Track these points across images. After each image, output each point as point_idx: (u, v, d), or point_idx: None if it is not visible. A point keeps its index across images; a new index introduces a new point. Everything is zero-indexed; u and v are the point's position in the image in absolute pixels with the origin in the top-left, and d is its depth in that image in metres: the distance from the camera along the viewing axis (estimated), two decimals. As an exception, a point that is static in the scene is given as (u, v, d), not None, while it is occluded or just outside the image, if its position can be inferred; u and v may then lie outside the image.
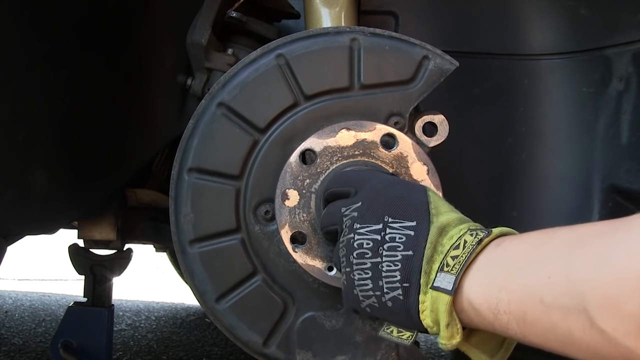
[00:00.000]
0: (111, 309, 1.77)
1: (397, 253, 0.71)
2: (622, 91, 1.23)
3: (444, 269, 0.66)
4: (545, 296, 0.56)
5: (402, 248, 0.71)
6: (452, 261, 0.66)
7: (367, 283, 0.73)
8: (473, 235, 0.67)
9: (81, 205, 1.45)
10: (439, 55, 0.96)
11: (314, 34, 0.96)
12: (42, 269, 4.34)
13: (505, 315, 0.60)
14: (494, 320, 0.62)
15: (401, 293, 0.70)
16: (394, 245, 0.71)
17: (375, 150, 0.93)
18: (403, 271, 0.70)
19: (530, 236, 0.64)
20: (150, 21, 1.39)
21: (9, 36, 1.05)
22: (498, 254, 0.64)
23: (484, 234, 0.67)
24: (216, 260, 0.94)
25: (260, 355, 0.96)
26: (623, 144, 1.23)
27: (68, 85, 1.21)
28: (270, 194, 0.94)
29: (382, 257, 0.72)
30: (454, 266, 0.65)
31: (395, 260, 0.70)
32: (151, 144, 1.52)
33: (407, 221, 0.72)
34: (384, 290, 0.71)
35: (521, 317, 0.59)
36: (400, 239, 0.71)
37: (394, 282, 0.70)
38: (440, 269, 0.67)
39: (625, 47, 1.22)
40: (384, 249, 0.72)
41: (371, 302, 0.74)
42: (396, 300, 0.71)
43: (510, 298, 0.59)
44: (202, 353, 2.67)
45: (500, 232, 0.68)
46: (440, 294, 0.66)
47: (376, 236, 0.73)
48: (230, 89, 0.95)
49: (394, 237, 0.72)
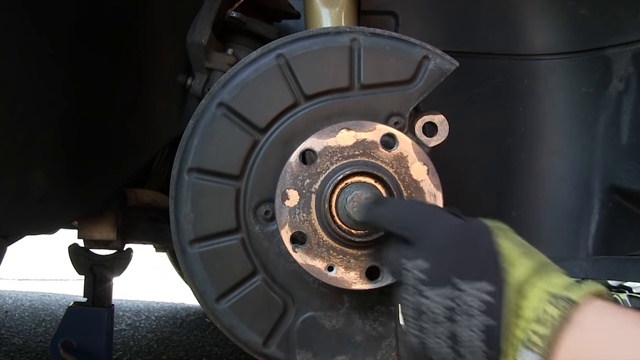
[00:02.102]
0: (111, 309, 1.77)
1: (476, 321, 0.68)
2: (622, 91, 1.23)
3: (528, 345, 0.64)
4: None
5: (481, 315, 0.68)
6: (535, 338, 0.64)
7: (446, 351, 0.71)
8: (557, 307, 0.64)
9: (81, 205, 1.44)
10: (439, 55, 0.95)
11: (314, 34, 0.96)
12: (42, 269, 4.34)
13: None
14: None
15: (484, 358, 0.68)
16: (470, 312, 0.68)
17: (375, 150, 0.93)
18: (485, 339, 0.67)
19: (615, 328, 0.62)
20: (150, 21, 1.39)
21: (9, 36, 1.04)
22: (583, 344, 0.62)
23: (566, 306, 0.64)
24: (216, 260, 0.94)
25: (260, 355, 0.96)
26: (623, 144, 1.23)
27: (68, 85, 1.20)
28: (270, 194, 0.94)
29: (460, 325, 0.69)
30: (538, 345, 0.63)
31: (473, 327, 0.68)
32: (151, 144, 1.52)
33: (478, 282, 0.68)
34: (467, 357, 0.69)
35: None
36: (476, 305, 0.68)
37: (476, 349, 0.68)
38: (524, 343, 0.65)
39: (625, 47, 1.22)
40: (459, 315, 0.69)
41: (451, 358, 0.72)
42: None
43: None
44: (202, 353, 2.67)
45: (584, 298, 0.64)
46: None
47: (449, 302, 0.70)
48: (231, 89, 0.95)
49: (468, 301, 0.68)
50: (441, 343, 0.71)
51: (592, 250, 1.28)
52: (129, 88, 1.38)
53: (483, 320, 0.67)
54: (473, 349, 0.69)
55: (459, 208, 0.79)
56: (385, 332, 0.94)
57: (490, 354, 0.68)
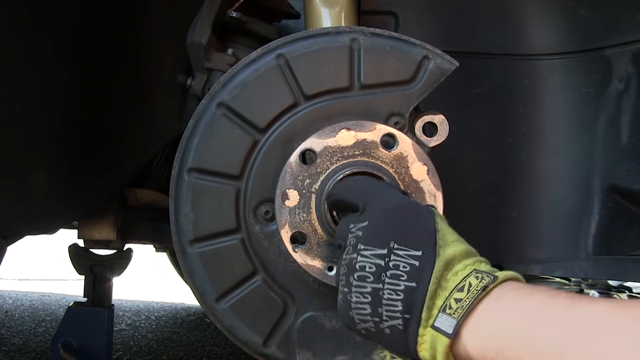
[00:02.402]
0: (111, 309, 1.77)
1: (400, 283, 0.70)
2: (622, 91, 1.23)
3: (447, 311, 0.66)
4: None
5: (406, 278, 0.70)
6: (455, 304, 0.66)
7: (365, 307, 0.73)
8: (478, 278, 0.67)
9: (81, 205, 1.44)
10: (439, 55, 0.95)
11: (314, 34, 0.96)
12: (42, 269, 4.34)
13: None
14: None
15: (401, 323, 0.70)
16: (397, 274, 0.71)
17: (375, 150, 0.93)
18: (405, 302, 0.69)
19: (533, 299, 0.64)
20: (151, 21, 1.39)
21: (9, 36, 1.04)
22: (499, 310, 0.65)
23: (489, 279, 0.66)
24: (216, 260, 0.94)
25: (260, 355, 0.96)
26: (623, 144, 1.23)
27: (68, 85, 1.20)
28: (270, 194, 0.94)
29: (384, 284, 0.71)
30: (457, 310, 0.66)
31: (398, 290, 0.70)
32: (151, 144, 1.52)
33: (413, 250, 0.71)
34: (383, 317, 0.71)
35: None
36: (404, 268, 0.71)
37: (395, 311, 0.70)
38: (442, 309, 0.67)
39: (625, 47, 1.22)
40: (387, 276, 0.71)
41: (368, 326, 0.73)
42: (395, 329, 0.70)
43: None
44: (202, 353, 2.67)
45: (505, 277, 0.67)
46: (440, 335, 0.66)
47: (380, 261, 0.72)
48: (230, 89, 0.95)
49: (398, 265, 0.71)
50: (362, 300, 0.72)
51: (592, 250, 1.28)
52: (129, 88, 1.38)
53: (407, 284, 0.70)
54: (391, 310, 0.70)
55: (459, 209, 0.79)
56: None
57: (406, 317, 0.69)
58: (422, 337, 0.68)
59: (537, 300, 0.64)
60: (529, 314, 0.63)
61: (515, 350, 0.61)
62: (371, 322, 0.72)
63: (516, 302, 0.65)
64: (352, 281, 0.74)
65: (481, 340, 0.64)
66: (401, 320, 0.70)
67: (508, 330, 0.63)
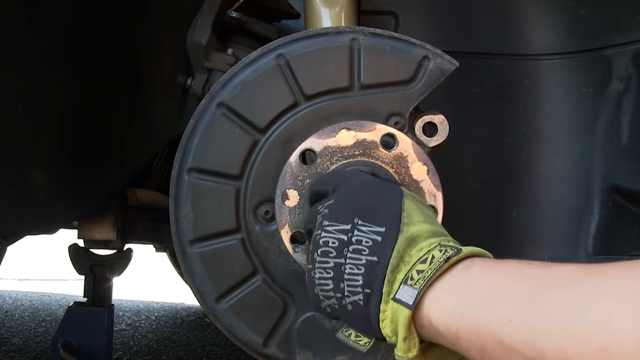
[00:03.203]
0: (111, 309, 1.77)
1: (361, 257, 0.70)
2: (622, 91, 1.23)
3: (408, 282, 0.65)
4: (505, 338, 0.55)
5: (368, 252, 0.69)
6: (416, 275, 0.65)
7: (327, 283, 0.72)
8: (442, 251, 0.66)
9: (81, 205, 1.44)
10: (439, 55, 0.95)
11: (314, 34, 0.96)
12: (42, 269, 4.34)
13: (465, 342, 0.60)
14: (454, 343, 0.62)
15: (362, 299, 0.69)
16: (359, 249, 0.70)
17: (375, 150, 0.93)
18: (366, 276, 0.69)
19: (500, 267, 0.63)
20: (150, 21, 1.39)
21: (9, 36, 1.05)
22: (465, 278, 0.63)
23: (452, 252, 0.65)
24: (216, 260, 0.94)
25: (260, 355, 0.96)
26: (623, 144, 1.23)
27: (68, 85, 1.21)
28: (270, 194, 0.94)
29: (346, 259, 0.70)
30: (418, 281, 0.64)
31: (359, 264, 0.69)
32: (151, 144, 1.52)
33: (376, 226, 0.71)
34: (345, 293, 0.70)
35: (481, 349, 0.58)
36: (366, 243, 0.70)
37: (356, 286, 0.69)
38: (404, 281, 0.66)
39: (625, 47, 1.22)
40: (349, 251, 0.70)
41: (331, 303, 0.72)
42: (356, 305, 0.69)
43: (471, 329, 0.59)
44: (202, 353, 2.67)
45: (471, 252, 0.66)
46: (401, 307, 0.65)
47: (343, 236, 0.72)
48: (230, 89, 0.95)
49: (361, 240, 0.70)
50: (325, 275, 0.72)
51: (592, 250, 1.28)
52: (129, 88, 1.38)
53: (368, 258, 0.69)
54: (353, 285, 0.69)
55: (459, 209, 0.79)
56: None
57: (367, 291, 0.68)
58: (384, 312, 0.67)
59: (505, 266, 0.63)
60: (496, 277, 0.62)
61: (480, 310, 0.59)
62: (334, 299, 0.72)
63: (483, 271, 0.64)
64: (316, 257, 0.73)
65: (445, 307, 0.62)
66: (362, 295, 0.69)
67: (474, 293, 0.61)
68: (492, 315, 0.58)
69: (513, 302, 0.57)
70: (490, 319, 0.58)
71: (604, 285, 0.51)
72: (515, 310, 0.56)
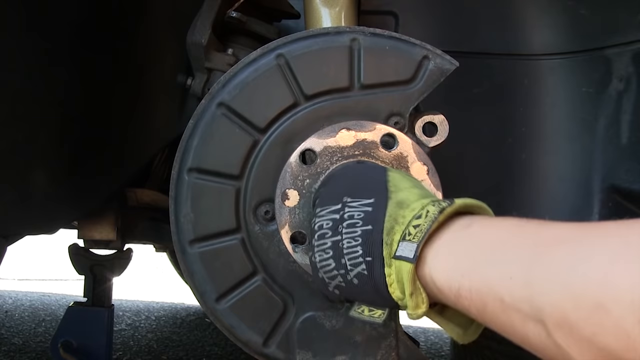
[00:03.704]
0: (111, 309, 1.77)
1: (356, 229, 0.71)
2: (622, 91, 1.23)
3: (406, 238, 0.66)
4: (505, 296, 0.56)
5: (361, 224, 0.70)
6: (414, 230, 0.65)
7: (329, 263, 0.73)
8: (435, 205, 0.67)
9: (81, 206, 1.44)
10: (439, 55, 0.95)
11: (314, 34, 0.96)
12: (42, 269, 4.34)
13: (466, 301, 0.60)
14: (456, 301, 0.62)
15: (365, 268, 0.69)
16: (353, 222, 0.71)
17: (375, 150, 0.93)
18: (364, 245, 0.70)
19: (501, 225, 0.63)
20: (151, 21, 1.39)
21: (9, 36, 1.04)
22: (465, 236, 0.64)
23: (446, 204, 0.66)
24: (216, 260, 0.94)
25: (260, 355, 0.96)
26: (623, 144, 1.23)
27: (68, 85, 1.21)
28: (270, 194, 0.94)
29: (342, 235, 0.71)
30: (416, 235, 0.65)
31: (356, 236, 0.70)
32: (151, 144, 1.52)
33: (365, 199, 0.72)
34: (348, 267, 0.71)
35: (481, 307, 0.59)
36: (358, 216, 0.71)
37: (357, 257, 0.70)
38: (402, 238, 0.66)
39: (625, 47, 1.22)
40: (343, 227, 0.72)
41: (337, 282, 0.73)
42: (361, 275, 0.70)
43: (472, 287, 0.59)
44: (202, 353, 2.67)
45: (464, 203, 0.67)
46: (403, 263, 0.65)
47: (335, 215, 0.73)
48: (230, 89, 0.95)
49: (353, 214, 0.72)
50: (325, 256, 0.73)
51: (592, 250, 1.28)
52: (129, 88, 1.38)
53: (363, 228, 0.70)
54: (354, 257, 0.70)
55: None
56: (385, 332, 0.94)
57: (368, 259, 0.69)
58: (390, 276, 0.68)
59: (506, 224, 0.63)
60: (496, 235, 0.62)
61: (481, 269, 0.59)
62: (339, 277, 0.72)
63: (484, 229, 0.64)
64: (314, 242, 0.75)
65: (446, 265, 0.63)
66: (364, 264, 0.69)
67: (474, 252, 0.61)
68: (492, 274, 0.58)
69: (513, 260, 0.57)
70: (490, 277, 0.58)
71: (601, 242, 0.51)
72: (515, 268, 0.56)
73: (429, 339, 3.20)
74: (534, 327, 0.53)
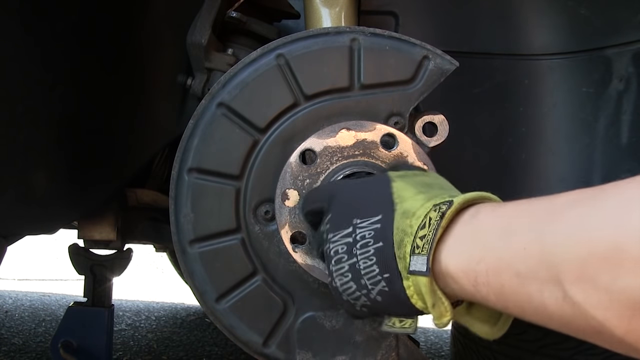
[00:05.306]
0: (111, 309, 1.77)
1: (369, 248, 0.71)
2: (622, 91, 1.23)
3: (415, 252, 0.66)
4: (521, 268, 0.55)
5: (373, 242, 0.71)
6: (420, 242, 0.65)
7: (350, 285, 0.73)
8: (437, 210, 0.66)
9: (81, 206, 1.45)
10: (439, 55, 0.95)
11: (314, 34, 0.96)
12: (42, 269, 4.34)
13: (484, 287, 0.60)
14: (475, 292, 0.61)
15: (385, 285, 0.70)
16: (365, 243, 0.71)
17: (375, 150, 0.93)
18: (379, 263, 0.70)
19: (507, 207, 0.63)
20: (151, 21, 1.39)
21: (9, 36, 1.04)
22: (474, 226, 0.63)
23: (445, 207, 0.66)
24: (216, 260, 0.94)
25: (260, 355, 0.96)
26: (623, 144, 1.23)
27: (69, 85, 1.21)
28: (270, 194, 0.94)
29: (358, 257, 0.72)
30: (423, 247, 0.65)
31: (370, 255, 0.70)
32: (151, 144, 1.52)
33: (373, 217, 0.72)
34: (369, 287, 0.71)
35: (499, 289, 0.58)
36: (369, 235, 0.71)
37: (375, 275, 0.70)
38: (412, 251, 0.66)
39: (625, 47, 1.22)
40: (357, 249, 0.72)
41: (362, 302, 0.73)
42: (384, 293, 0.70)
43: (488, 270, 0.59)
44: (202, 353, 2.67)
45: (464, 200, 0.66)
46: (418, 277, 0.65)
47: (348, 239, 0.73)
48: (231, 89, 0.95)
49: (364, 235, 0.72)
50: (345, 279, 0.73)
51: (592, 250, 1.28)
52: (129, 88, 1.38)
53: (375, 246, 0.70)
54: (372, 276, 0.70)
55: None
56: (385, 332, 0.94)
57: (386, 276, 0.69)
58: (409, 288, 0.68)
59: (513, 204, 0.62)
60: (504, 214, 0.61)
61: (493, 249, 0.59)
62: (363, 297, 0.73)
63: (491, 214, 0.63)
64: (332, 268, 0.75)
65: (461, 258, 0.62)
66: (383, 281, 0.70)
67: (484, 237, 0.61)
68: (505, 251, 0.57)
69: (524, 231, 0.56)
70: (504, 255, 0.57)
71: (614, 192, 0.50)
72: (527, 238, 0.55)
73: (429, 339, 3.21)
74: (551, 292, 0.52)
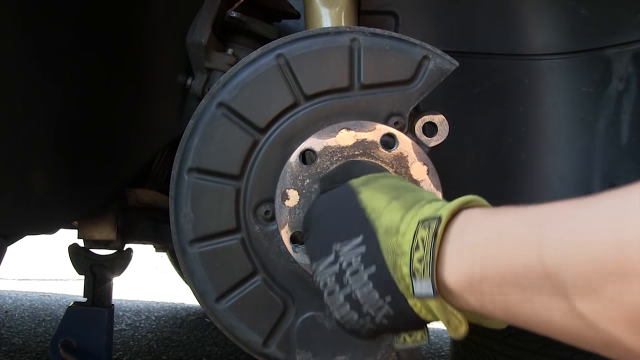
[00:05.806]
0: (111, 309, 1.77)
1: (361, 274, 0.69)
2: (622, 91, 1.23)
3: (417, 277, 0.64)
4: (524, 283, 0.54)
5: (364, 268, 0.68)
6: (419, 265, 0.63)
7: (352, 316, 0.71)
8: (426, 228, 0.64)
9: (81, 206, 1.44)
10: (439, 55, 0.95)
11: (314, 34, 0.96)
12: (42, 269, 4.34)
13: (491, 306, 0.59)
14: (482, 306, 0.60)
15: (389, 308, 0.68)
16: (355, 270, 0.69)
17: (375, 150, 0.93)
18: (378, 288, 0.68)
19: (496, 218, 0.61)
20: (151, 21, 1.39)
21: (9, 36, 1.05)
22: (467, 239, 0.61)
23: (435, 224, 0.63)
24: (216, 260, 0.94)
25: (260, 355, 0.96)
26: (623, 144, 1.23)
27: (69, 85, 1.21)
28: (270, 194, 0.94)
29: (351, 286, 0.70)
30: (424, 270, 0.63)
31: (365, 283, 0.68)
32: (151, 144, 1.52)
33: (353, 239, 0.70)
34: (372, 313, 0.69)
35: (505, 307, 0.57)
36: (357, 260, 0.69)
37: (376, 301, 0.68)
38: (412, 276, 0.65)
39: (625, 47, 1.22)
40: (347, 277, 0.70)
41: (368, 327, 0.72)
42: (389, 316, 0.69)
43: (492, 289, 0.58)
44: (202, 353, 2.67)
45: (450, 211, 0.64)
46: (427, 300, 0.64)
47: (333, 268, 0.71)
48: (231, 88, 0.95)
49: (350, 261, 0.69)
50: (344, 311, 0.71)
51: (592, 250, 1.28)
52: (129, 88, 1.38)
53: (368, 272, 0.68)
54: (374, 303, 0.68)
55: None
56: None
57: (389, 300, 0.67)
58: (416, 306, 0.66)
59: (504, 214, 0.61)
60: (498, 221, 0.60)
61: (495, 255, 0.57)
62: (368, 324, 0.71)
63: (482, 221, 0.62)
64: (326, 300, 0.73)
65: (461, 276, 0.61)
66: (387, 305, 0.68)
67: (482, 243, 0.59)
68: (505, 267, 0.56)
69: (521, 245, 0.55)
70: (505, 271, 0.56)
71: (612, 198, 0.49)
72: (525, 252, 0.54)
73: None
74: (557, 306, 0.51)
